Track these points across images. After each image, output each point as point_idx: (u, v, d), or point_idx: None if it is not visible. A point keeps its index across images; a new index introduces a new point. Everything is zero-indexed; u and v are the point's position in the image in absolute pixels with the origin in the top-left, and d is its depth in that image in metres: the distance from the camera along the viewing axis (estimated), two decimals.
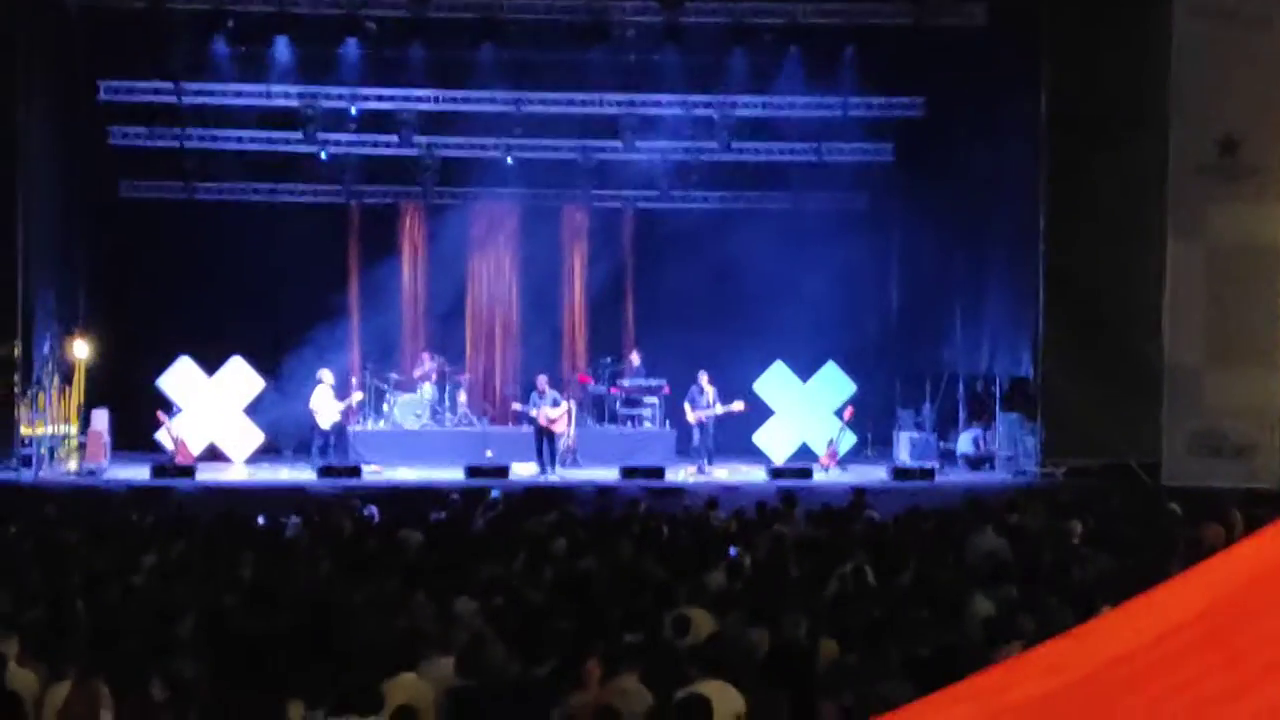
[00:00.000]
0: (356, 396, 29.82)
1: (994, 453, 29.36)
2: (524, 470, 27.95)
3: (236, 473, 28.94)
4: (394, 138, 31.45)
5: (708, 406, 28.69)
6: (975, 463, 29.61)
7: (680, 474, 28.09)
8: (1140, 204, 26.97)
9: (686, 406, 28.98)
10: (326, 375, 29.17)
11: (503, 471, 27.30)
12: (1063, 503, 21.12)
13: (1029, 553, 16.14)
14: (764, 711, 9.71)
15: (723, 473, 28.56)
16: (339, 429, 29.37)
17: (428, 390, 30.84)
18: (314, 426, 28.86)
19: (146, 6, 29.16)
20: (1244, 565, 5.25)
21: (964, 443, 30.05)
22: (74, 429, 29.01)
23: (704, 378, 28.94)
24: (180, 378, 29.94)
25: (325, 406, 28.79)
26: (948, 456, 30.02)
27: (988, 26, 29.70)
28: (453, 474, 27.29)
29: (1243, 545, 5.79)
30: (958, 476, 28.60)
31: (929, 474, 28.04)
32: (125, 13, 29.35)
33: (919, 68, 31.24)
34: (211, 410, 29.87)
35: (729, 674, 10.31)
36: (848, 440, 30.26)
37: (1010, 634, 11.40)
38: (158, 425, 29.24)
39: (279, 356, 30.43)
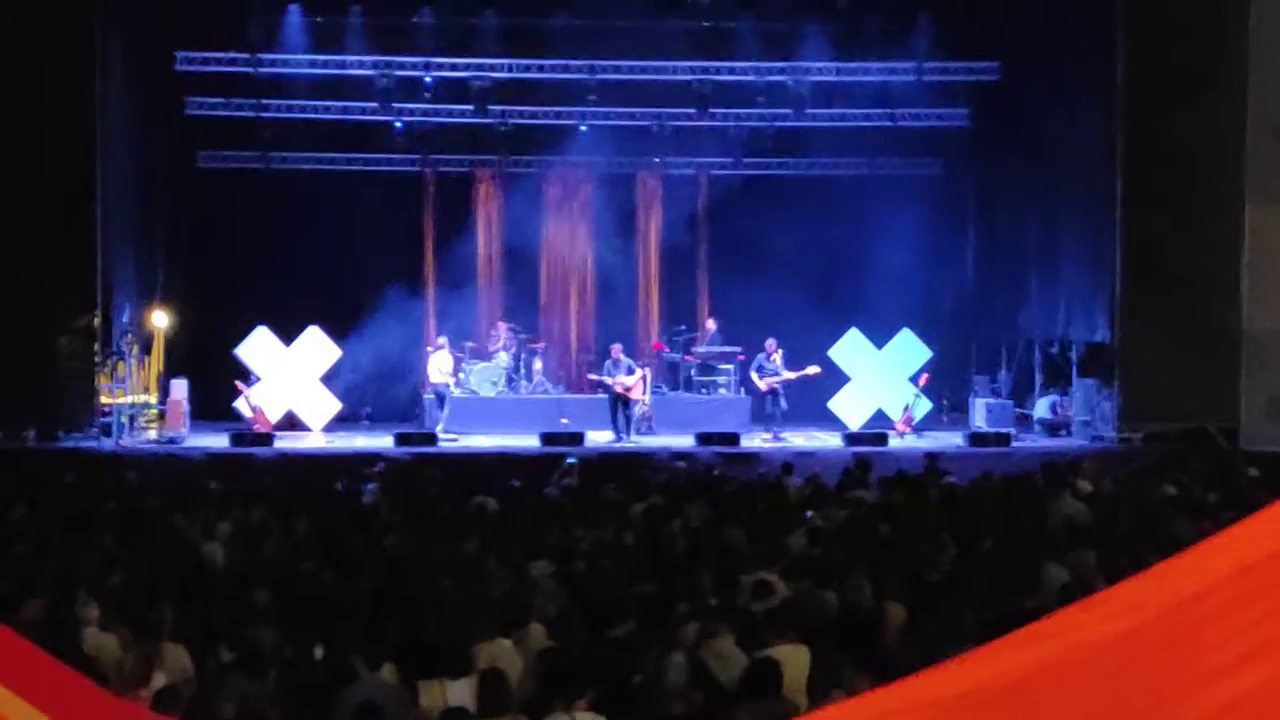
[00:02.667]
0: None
1: (1071, 418, 29.20)
2: (599, 437, 28.02)
3: (314, 440, 29.11)
4: (468, 107, 31.48)
5: (775, 373, 28.65)
6: (1052, 428, 29.47)
7: (755, 440, 28.09)
8: (1218, 167, 26.72)
9: (754, 374, 28.96)
10: (443, 341, 29.95)
11: (578, 439, 27.36)
12: (1141, 468, 21.04)
13: (1108, 517, 16.09)
14: (825, 672, 9.73)
15: (798, 439, 28.54)
16: (440, 393, 29.51)
17: (503, 358, 30.90)
18: (439, 392, 29.28)
19: None
20: None
21: (1041, 408, 29.92)
22: (154, 398, 29.25)
23: (770, 344, 28.89)
24: (258, 347, 30.15)
25: (443, 368, 29.32)
26: (1024, 422, 29.91)
27: None
28: (529, 441, 27.39)
29: None
30: (1034, 442, 28.48)
31: (1005, 439, 27.94)
32: None
33: (994, 32, 31.13)
34: (289, 379, 30.08)
35: (801, 637, 10.35)
36: (923, 406, 30.22)
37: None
38: (236, 394, 29.47)
39: (355, 325, 30.57)
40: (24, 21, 26.26)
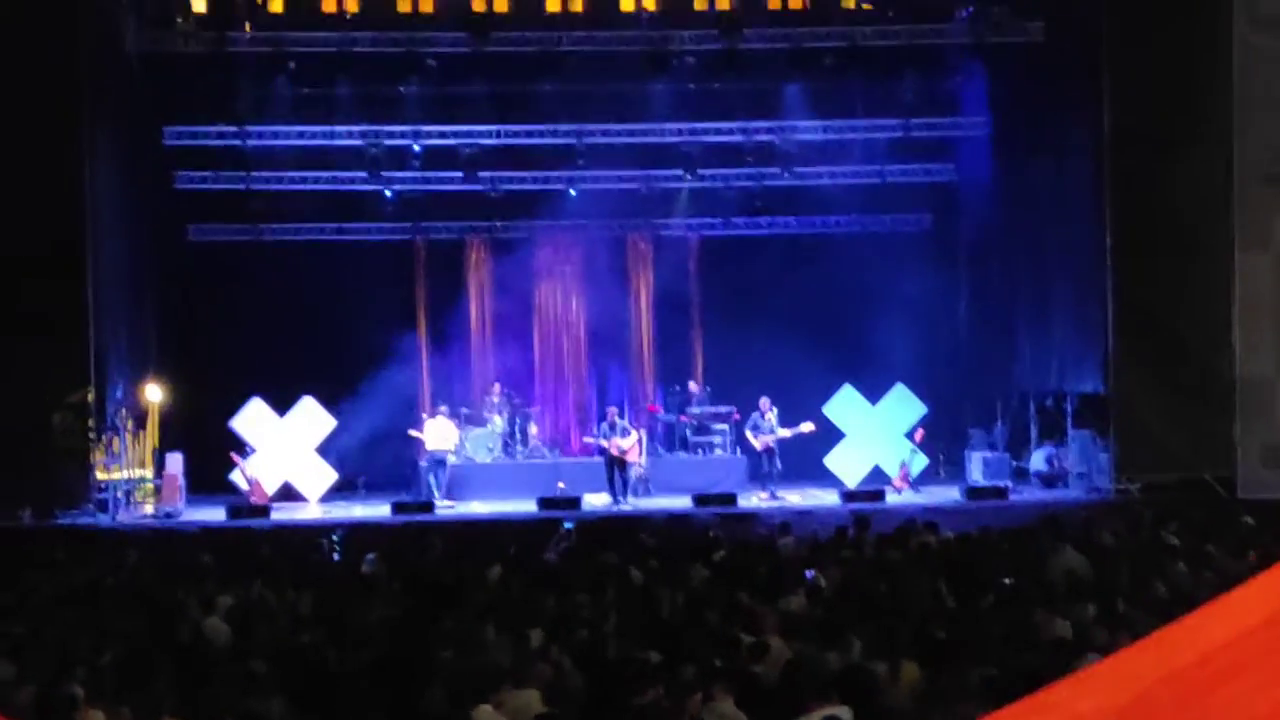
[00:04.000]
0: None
1: (1068, 470, 29.18)
2: (597, 501, 27.99)
3: (311, 511, 29.05)
4: (458, 174, 31.60)
5: (770, 431, 28.65)
6: (1049, 480, 29.43)
7: (752, 500, 28.08)
8: (1207, 216, 26.86)
9: (749, 433, 28.98)
10: (444, 409, 29.95)
11: (575, 503, 27.34)
12: (1140, 518, 21.01)
13: (1109, 569, 16.06)
14: None
15: (795, 497, 28.55)
16: (439, 460, 29.44)
17: (498, 423, 30.92)
18: (436, 459, 29.19)
19: (208, 51, 29.48)
20: None
21: (1037, 461, 29.89)
22: (149, 472, 29.18)
23: (764, 403, 28.92)
24: (253, 418, 30.11)
25: (444, 435, 29.30)
26: (1021, 475, 29.88)
27: (1046, 43, 29.66)
28: (526, 506, 27.37)
29: None
30: (1032, 495, 28.46)
31: (1003, 493, 27.93)
32: (187, 57, 29.70)
33: (980, 87, 31.27)
34: (284, 450, 30.04)
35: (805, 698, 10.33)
36: (920, 462, 30.21)
37: (1089, 649, 11.35)
38: (232, 466, 29.43)
39: (350, 394, 30.55)
40: (12, 98, 26.33)
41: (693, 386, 31.66)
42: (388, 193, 32.21)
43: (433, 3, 31.94)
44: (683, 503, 27.54)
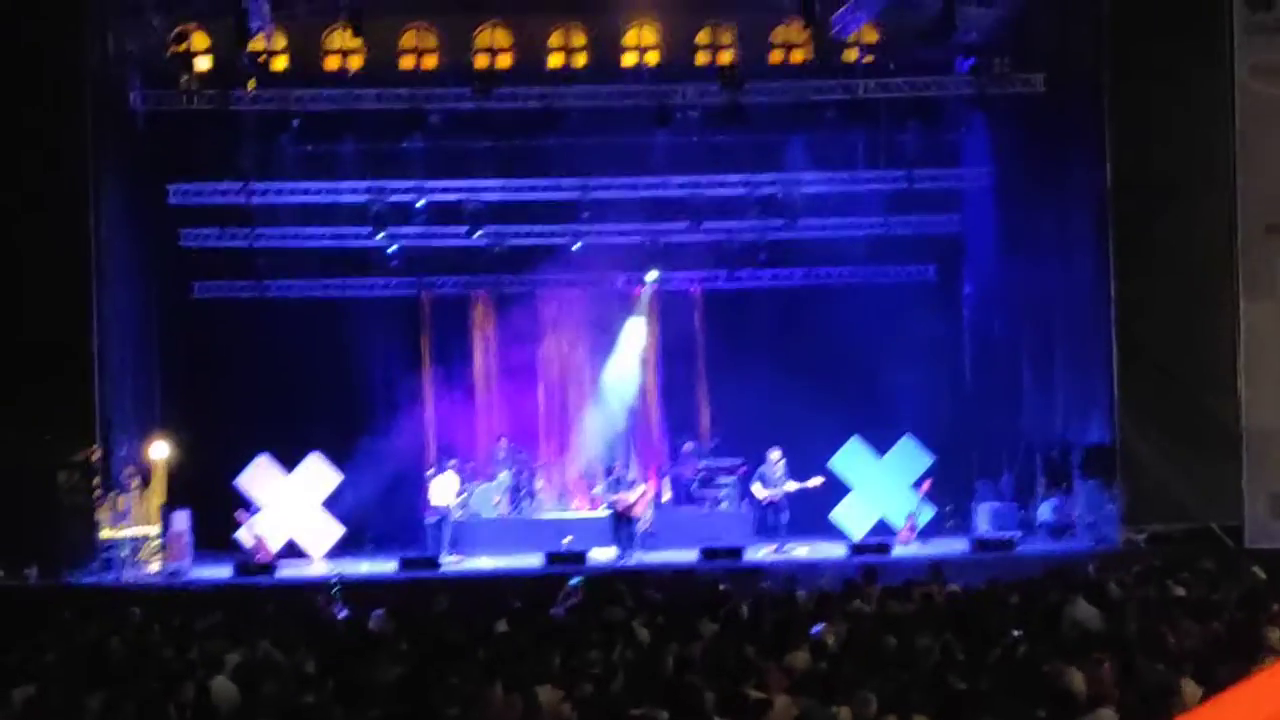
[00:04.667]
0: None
1: (1075, 520, 29.10)
2: (603, 554, 27.93)
3: (317, 568, 28.98)
4: (461, 229, 31.63)
5: (778, 485, 28.62)
6: (1057, 531, 29.33)
7: (759, 553, 28.01)
8: (1210, 265, 26.90)
9: (757, 485, 28.96)
10: (454, 463, 29.85)
11: (581, 557, 27.29)
12: (1149, 569, 20.95)
13: (1119, 621, 16.00)
14: None
15: (802, 550, 28.46)
16: (444, 516, 29.40)
17: (505, 477, 30.91)
18: (441, 515, 29.18)
19: (212, 109, 29.53)
20: None
21: (1044, 511, 29.79)
22: (155, 530, 29.11)
23: (773, 455, 28.90)
24: (259, 475, 30.10)
25: (449, 490, 29.28)
26: (1028, 526, 29.79)
27: (1048, 94, 29.68)
28: (532, 561, 27.32)
29: None
30: (1040, 546, 28.36)
31: (1010, 544, 27.87)
32: (192, 115, 29.72)
33: (982, 138, 31.32)
34: (291, 506, 30.00)
35: None
36: (926, 513, 30.13)
37: (1101, 703, 11.32)
38: (238, 524, 29.40)
39: (356, 449, 30.56)
40: (19, 156, 26.44)
41: (688, 448, 31.78)
42: (391, 248, 32.21)
43: (436, 59, 32.31)
44: (690, 556, 27.47)
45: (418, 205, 31.54)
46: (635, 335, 33.11)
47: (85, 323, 27.10)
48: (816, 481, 28.93)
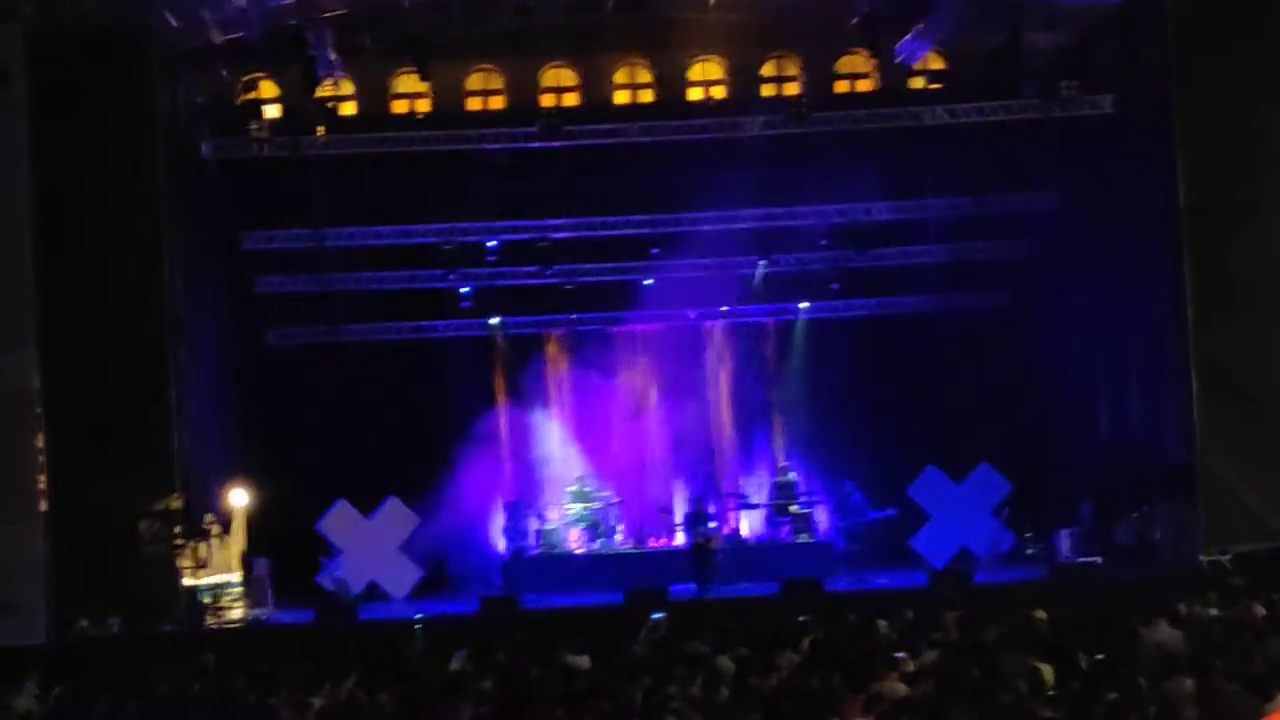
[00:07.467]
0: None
1: (1156, 542, 28.88)
2: (683, 590, 27.88)
3: (398, 610, 29.04)
4: (533, 268, 31.72)
5: (856, 515, 28.57)
6: (1138, 553, 29.12)
7: (840, 583, 27.91)
8: None
9: (834, 516, 28.90)
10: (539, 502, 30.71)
11: (662, 593, 27.24)
12: (1233, 589, 20.77)
13: (1202, 643, 15.87)
14: None
15: (883, 579, 28.36)
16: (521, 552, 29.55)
17: (582, 514, 30.92)
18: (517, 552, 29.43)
19: (283, 156, 29.70)
20: None
21: (1125, 534, 29.60)
22: (236, 577, 29.23)
23: (850, 486, 28.86)
24: (338, 520, 30.25)
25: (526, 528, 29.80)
26: (1109, 549, 29.58)
27: (1116, 115, 29.53)
28: (611, 598, 27.30)
29: None
30: (1121, 569, 28.16)
31: (1092, 568, 27.69)
32: (263, 163, 29.90)
33: (1051, 161, 31.17)
34: (370, 550, 30.11)
35: None
36: (1007, 540, 29.97)
37: None
38: (319, 569, 29.51)
39: (433, 491, 30.66)
40: (95, 207, 26.70)
41: (787, 471, 31.65)
42: (464, 289, 32.31)
43: (502, 100, 32.35)
44: (770, 589, 27.40)
45: (489, 245, 31.67)
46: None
47: (164, 372, 27.27)
48: (894, 511, 28.85)
